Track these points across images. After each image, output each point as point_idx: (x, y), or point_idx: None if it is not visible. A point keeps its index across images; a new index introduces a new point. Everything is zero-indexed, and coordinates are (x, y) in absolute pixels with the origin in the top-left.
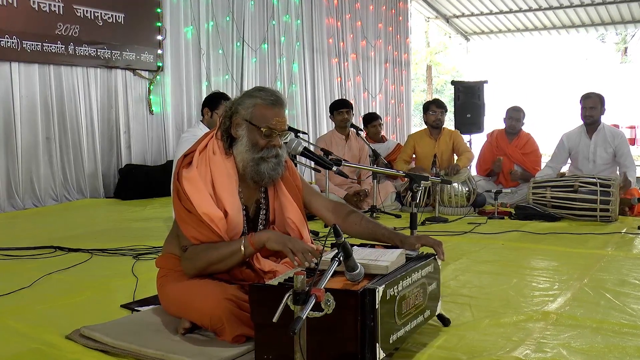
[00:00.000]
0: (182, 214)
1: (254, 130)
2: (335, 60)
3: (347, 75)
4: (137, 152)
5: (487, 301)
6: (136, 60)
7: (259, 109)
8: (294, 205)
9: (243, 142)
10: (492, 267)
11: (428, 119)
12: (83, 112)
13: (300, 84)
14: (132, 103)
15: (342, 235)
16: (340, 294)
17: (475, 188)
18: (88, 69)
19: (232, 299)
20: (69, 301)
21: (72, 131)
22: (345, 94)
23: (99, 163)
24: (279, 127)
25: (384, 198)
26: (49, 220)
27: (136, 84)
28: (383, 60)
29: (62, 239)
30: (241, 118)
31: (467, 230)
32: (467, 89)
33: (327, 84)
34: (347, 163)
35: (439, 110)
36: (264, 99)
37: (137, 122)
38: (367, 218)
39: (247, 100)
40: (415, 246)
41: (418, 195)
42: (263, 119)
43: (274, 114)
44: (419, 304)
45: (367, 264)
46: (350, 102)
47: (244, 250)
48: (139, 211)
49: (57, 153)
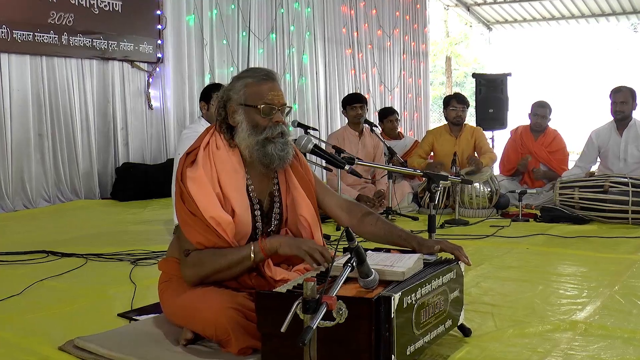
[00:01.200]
0: (186, 218)
1: (251, 111)
2: (349, 51)
3: (362, 67)
4: (136, 150)
5: (510, 310)
6: (134, 51)
7: (251, 88)
8: (307, 201)
9: (243, 127)
10: (516, 273)
11: (448, 115)
12: (77, 107)
13: (311, 77)
14: (130, 97)
15: (355, 239)
16: (353, 302)
17: (498, 188)
18: (83, 60)
19: (239, 308)
20: (62, 310)
21: (65, 127)
22: (360, 87)
23: (95, 161)
24: (277, 100)
25: (400, 199)
26: (40, 223)
27: (134, 77)
28: (400, 51)
29: (54, 243)
30: (235, 104)
31: (489, 233)
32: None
33: (340, 76)
34: (361, 161)
35: (460, 106)
36: (254, 76)
37: (136, 118)
38: (383, 219)
39: (237, 84)
40: (434, 249)
41: (437, 196)
42: (258, 97)
43: (267, 89)
44: (439, 312)
45: (382, 270)
46: (364, 96)
47: (254, 257)
48: (137, 213)
49: (50, 151)
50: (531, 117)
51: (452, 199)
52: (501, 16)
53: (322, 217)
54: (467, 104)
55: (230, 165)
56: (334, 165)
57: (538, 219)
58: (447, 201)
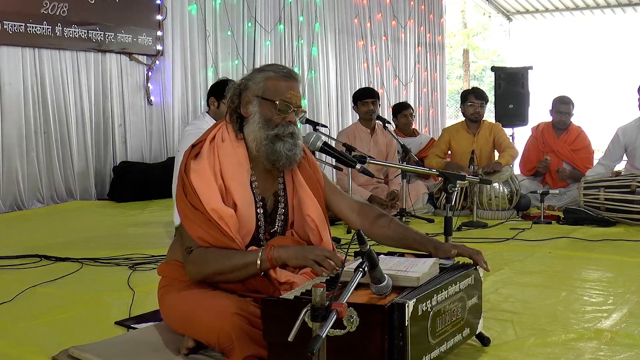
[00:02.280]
0: (187, 212)
1: (267, 105)
2: (361, 42)
3: (376, 59)
4: (134, 148)
5: (532, 317)
6: (133, 43)
7: (272, 82)
8: (314, 201)
9: (255, 119)
10: (538, 278)
11: (466, 111)
12: (72, 102)
13: (321, 70)
14: (128, 92)
15: (367, 243)
16: (364, 309)
17: (519, 189)
18: (78, 52)
19: (243, 314)
20: (55, 317)
21: (60, 124)
22: (373, 81)
23: (91, 160)
24: (294, 101)
25: (414, 200)
26: (33, 226)
27: (133, 70)
28: (415, 42)
29: (48, 247)
30: (252, 94)
31: (509, 236)
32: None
33: (352, 69)
34: (373, 160)
35: (478, 102)
36: (277, 71)
37: (134, 114)
38: (396, 221)
39: (258, 75)
40: (451, 253)
41: (453, 197)
42: (277, 92)
43: (287, 87)
44: (456, 320)
45: (395, 275)
46: (376, 91)
47: (260, 265)
48: (136, 215)
49: (43, 149)
50: (553, 114)
51: (470, 200)
52: (522, 6)
53: (332, 219)
54: (485, 99)
55: (235, 157)
56: (345, 164)
57: (561, 221)
58: (464, 202)
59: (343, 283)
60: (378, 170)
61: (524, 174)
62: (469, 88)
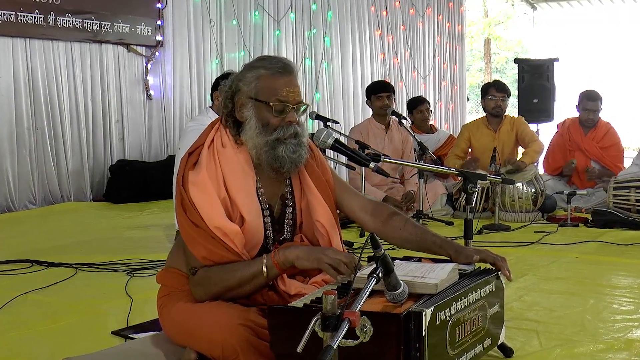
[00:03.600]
0: (189, 229)
1: (263, 108)
2: (377, 32)
3: (392, 50)
4: (132, 145)
5: (558, 327)
6: (131, 33)
7: (264, 81)
8: (323, 204)
9: (252, 124)
10: (564, 285)
11: (486, 105)
12: (66, 97)
13: (335, 62)
14: (126, 85)
15: (381, 247)
16: (379, 318)
17: (544, 189)
18: (72, 43)
19: (249, 324)
20: (48, 327)
21: (52, 120)
22: (389, 73)
23: (86, 159)
24: (292, 98)
25: (432, 201)
26: (24, 228)
27: (131, 63)
28: (433, 32)
29: (40, 251)
30: (245, 96)
31: (533, 240)
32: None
33: (367, 61)
34: (388, 158)
35: (499, 95)
36: (268, 67)
37: (132, 109)
38: (413, 222)
39: (249, 74)
40: (473, 258)
41: (474, 198)
42: (271, 92)
43: (283, 84)
44: (477, 330)
45: (412, 282)
46: (391, 84)
47: (267, 272)
48: (134, 217)
49: (35, 146)
50: (580, 110)
51: (492, 201)
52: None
53: (344, 221)
54: (507, 93)
55: (238, 165)
56: (357, 163)
57: (589, 224)
58: (485, 204)
59: (356, 290)
60: (393, 170)
61: (549, 174)
62: (491, 81)
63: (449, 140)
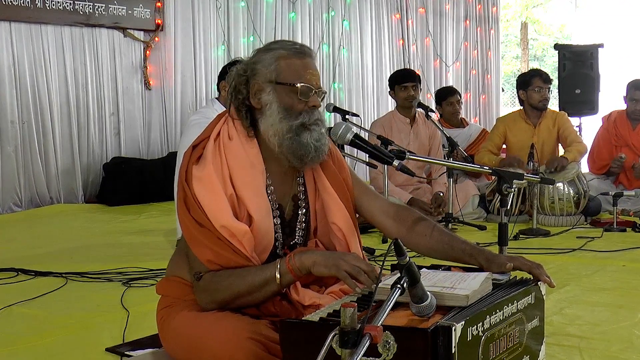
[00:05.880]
0: (192, 229)
1: (286, 91)
2: (396, 16)
3: (412, 36)
4: (129, 141)
5: (603, 343)
6: (127, 16)
7: (286, 62)
8: (339, 205)
9: (273, 110)
10: (610, 297)
11: (531, 98)
12: (55, 87)
13: (354, 48)
14: (122, 74)
15: (406, 254)
16: (403, 333)
17: (587, 190)
18: (62, 27)
19: (258, 338)
20: (36, 343)
21: (40, 112)
22: (409, 61)
23: (77, 156)
24: (314, 81)
25: (462, 203)
26: (9, 234)
27: (127, 49)
28: (462, 16)
29: (27, 259)
30: (263, 80)
31: (575, 246)
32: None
33: (387, 47)
34: (413, 155)
35: (546, 86)
36: (288, 48)
37: (129, 100)
38: (441, 228)
39: (266, 56)
40: (507, 267)
41: (509, 200)
42: (295, 73)
43: (304, 65)
44: (513, 347)
45: (440, 293)
46: (417, 73)
47: (281, 279)
48: (130, 221)
49: (21, 142)
50: (627, 101)
51: (529, 203)
52: None
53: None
54: (551, 83)
55: (246, 159)
56: (379, 161)
57: (637, 229)
58: (522, 206)
59: (378, 302)
60: (419, 168)
61: (593, 173)
62: (529, 70)
63: (481, 135)
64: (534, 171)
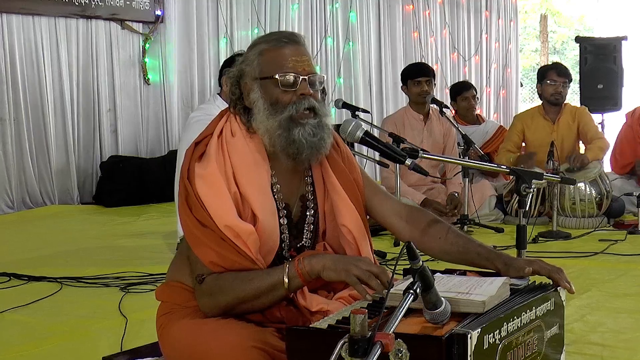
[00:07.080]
0: (194, 230)
1: (269, 85)
2: (409, 7)
3: (429, 28)
4: (127, 139)
5: (627, 352)
6: (125, 7)
7: (267, 55)
8: (349, 206)
9: (260, 107)
10: (634, 303)
11: (544, 92)
12: (49, 82)
13: (362, 41)
14: (119, 68)
15: (419, 258)
16: (416, 341)
17: (610, 190)
18: (57, 19)
19: (264, 347)
20: (29, 352)
21: (33, 109)
22: (425, 54)
23: (73, 154)
24: (301, 68)
25: (479, 204)
26: (0, 236)
27: (125, 42)
28: (481, 7)
29: (19, 263)
30: (250, 79)
31: (597, 250)
32: (598, 49)
33: (398, 40)
34: (427, 154)
35: (560, 80)
36: (269, 41)
37: (127, 96)
38: (455, 231)
39: (250, 53)
40: (525, 271)
41: (528, 201)
42: (275, 64)
43: (288, 53)
44: (532, 355)
45: (455, 299)
46: (431, 67)
47: (289, 283)
48: (129, 223)
49: (13, 140)
50: None
51: (549, 204)
52: None
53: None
54: (569, 78)
55: (249, 155)
56: (391, 160)
57: None
58: (541, 207)
59: (389, 308)
60: (433, 167)
61: (616, 172)
62: (549, 63)
63: (498, 132)
64: (554, 170)
